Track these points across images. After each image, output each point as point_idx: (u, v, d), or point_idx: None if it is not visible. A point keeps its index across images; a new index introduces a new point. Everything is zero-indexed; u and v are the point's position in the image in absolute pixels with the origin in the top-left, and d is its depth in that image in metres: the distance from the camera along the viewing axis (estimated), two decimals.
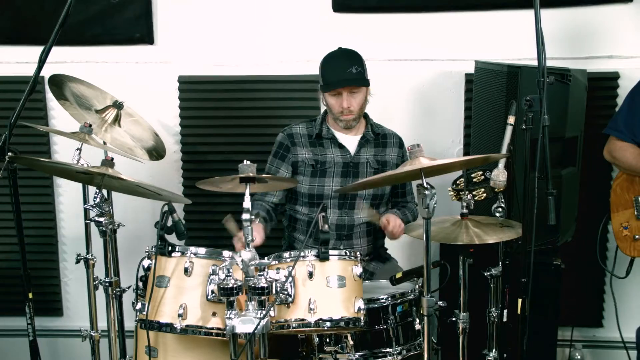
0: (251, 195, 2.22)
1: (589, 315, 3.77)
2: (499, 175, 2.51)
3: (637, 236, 3.01)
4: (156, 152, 3.21)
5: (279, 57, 3.68)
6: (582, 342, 3.74)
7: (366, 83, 2.94)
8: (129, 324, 2.82)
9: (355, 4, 3.59)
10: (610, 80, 3.52)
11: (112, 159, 2.61)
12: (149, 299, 2.34)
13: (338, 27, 3.61)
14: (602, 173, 3.51)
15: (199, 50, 3.70)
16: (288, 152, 3.06)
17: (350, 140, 3.08)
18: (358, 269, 2.35)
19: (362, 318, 2.31)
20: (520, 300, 2.44)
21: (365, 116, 3.13)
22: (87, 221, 2.98)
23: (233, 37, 3.67)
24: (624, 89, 3.37)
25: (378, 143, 3.12)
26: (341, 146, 3.06)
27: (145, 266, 2.44)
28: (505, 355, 2.76)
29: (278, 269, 2.28)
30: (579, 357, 3.65)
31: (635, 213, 3.01)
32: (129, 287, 2.92)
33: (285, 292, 2.25)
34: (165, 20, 3.68)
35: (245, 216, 2.20)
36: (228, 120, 3.77)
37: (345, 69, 2.90)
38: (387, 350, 2.52)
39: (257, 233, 2.73)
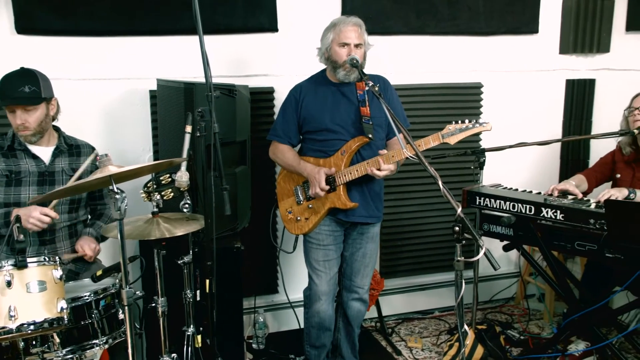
0: None
1: (266, 285, 4.02)
2: (182, 177, 2.57)
3: (299, 218, 3.22)
4: None
5: None
6: (263, 307, 3.97)
7: (36, 102, 2.76)
8: None
9: (39, 27, 3.33)
10: (267, 93, 3.79)
11: None
12: None
13: (23, 49, 3.33)
14: (268, 169, 3.79)
15: None
16: None
17: (44, 151, 2.89)
18: (58, 272, 2.23)
19: (65, 317, 2.21)
20: (208, 281, 2.51)
21: (57, 129, 2.97)
22: None
23: None
24: (278, 100, 3.68)
25: (72, 153, 2.98)
26: (35, 157, 2.86)
27: None
28: (201, 328, 2.81)
29: None
30: (261, 319, 3.85)
31: (296, 200, 3.24)
32: None
33: None
34: None
35: None
36: None
37: (17, 88, 2.71)
38: (94, 341, 2.44)
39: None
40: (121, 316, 2.53)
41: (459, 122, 2.89)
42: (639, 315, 3.55)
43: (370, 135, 3.00)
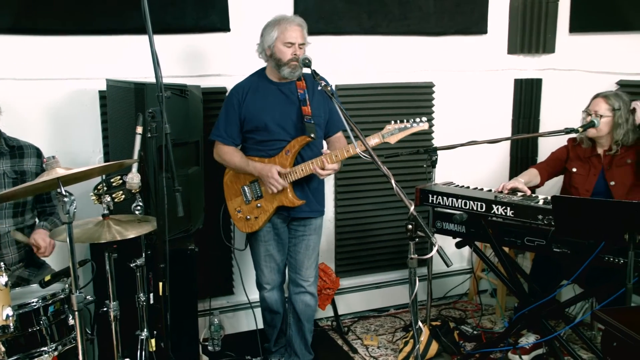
0: None
1: (221, 286, 3.99)
2: (133, 178, 2.54)
3: (248, 217, 3.25)
4: None
5: None
6: (218, 309, 3.92)
7: None
8: None
9: None
10: (220, 94, 3.72)
11: None
12: None
13: None
14: (222, 170, 3.74)
15: None
16: None
17: None
18: (3, 279, 2.16)
19: (11, 324, 2.15)
20: (161, 284, 2.48)
21: None
22: None
23: None
24: None
25: (14, 154, 2.89)
26: None
27: None
28: (155, 332, 2.78)
29: None
30: (217, 321, 3.81)
31: (244, 199, 3.25)
32: None
33: None
34: None
35: None
36: None
37: None
38: (42, 349, 2.37)
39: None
40: (71, 322, 2.47)
41: (398, 121, 2.99)
42: (585, 307, 3.67)
43: (312, 135, 3.07)
